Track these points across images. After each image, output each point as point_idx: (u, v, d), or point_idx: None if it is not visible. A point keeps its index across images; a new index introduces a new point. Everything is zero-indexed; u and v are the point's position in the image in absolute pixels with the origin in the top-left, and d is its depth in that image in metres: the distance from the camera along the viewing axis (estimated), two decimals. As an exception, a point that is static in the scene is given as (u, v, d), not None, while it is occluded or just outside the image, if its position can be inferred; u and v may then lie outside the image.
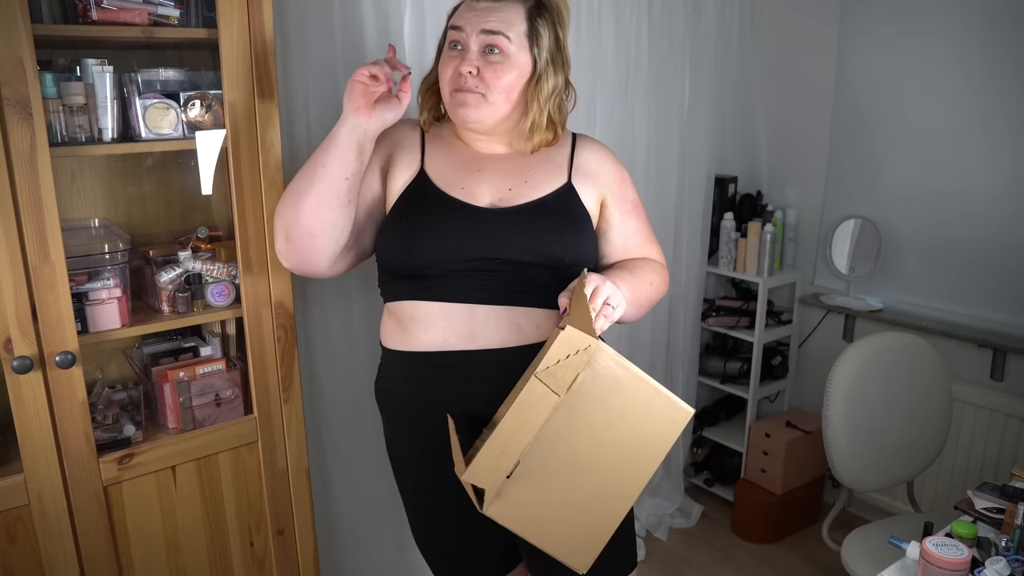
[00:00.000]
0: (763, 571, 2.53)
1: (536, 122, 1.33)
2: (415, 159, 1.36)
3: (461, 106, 1.30)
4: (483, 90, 1.28)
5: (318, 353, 1.90)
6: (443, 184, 1.33)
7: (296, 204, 1.26)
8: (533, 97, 1.32)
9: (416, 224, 1.29)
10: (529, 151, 1.38)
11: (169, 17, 1.40)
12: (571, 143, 1.42)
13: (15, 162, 1.24)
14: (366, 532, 2.07)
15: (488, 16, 1.27)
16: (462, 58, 1.28)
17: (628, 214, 1.43)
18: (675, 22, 2.46)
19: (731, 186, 2.81)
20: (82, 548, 1.42)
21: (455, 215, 1.29)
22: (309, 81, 1.76)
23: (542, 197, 1.33)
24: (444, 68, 1.32)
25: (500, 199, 1.32)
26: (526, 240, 1.28)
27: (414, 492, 1.44)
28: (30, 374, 1.30)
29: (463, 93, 1.29)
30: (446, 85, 1.31)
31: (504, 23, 1.27)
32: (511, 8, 1.29)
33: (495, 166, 1.36)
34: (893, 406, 1.98)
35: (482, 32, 1.27)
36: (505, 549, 1.44)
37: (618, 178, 1.43)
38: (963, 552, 1.21)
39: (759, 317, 2.68)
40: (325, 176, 1.24)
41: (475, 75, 1.28)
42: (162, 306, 1.52)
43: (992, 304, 2.38)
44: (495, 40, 1.27)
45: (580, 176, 1.38)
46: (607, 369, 1.04)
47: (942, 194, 2.44)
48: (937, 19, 2.37)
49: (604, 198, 1.40)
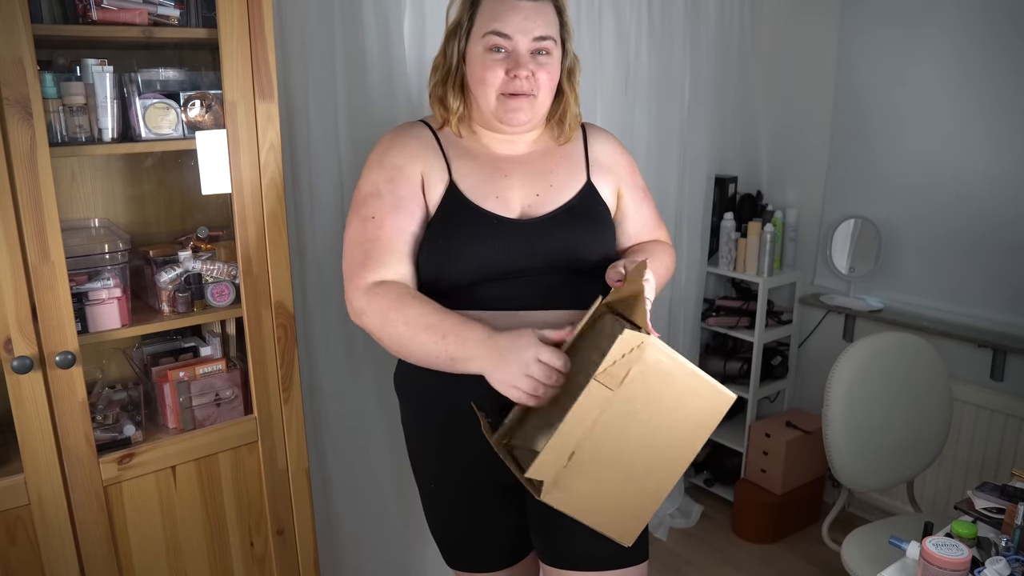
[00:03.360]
0: (763, 571, 2.53)
1: (573, 111, 1.38)
2: (442, 169, 1.33)
3: (515, 111, 1.30)
4: (535, 91, 1.30)
5: (318, 353, 1.90)
6: (475, 196, 1.31)
7: (394, 349, 1.26)
8: (571, 88, 1.36)
9: (452, 242, 1.29)
10: (554, 143, 1.40)
11: (169, 17, 1.40)
12: (582, 135, 1.44)
13: (15, 162, 1.24)
14: (366, 532, 2.07)
15: (535, 20, 1.27)
16: (514, 63, 1.27)
17: (640, 201, 1.46)
18: (675, 22, 2.46)
19: (731, 186, 2.81)
20: (82, 548, 1.42)
21: (490, 232, 1.29)
22: (309, 81, 1.76)
23: (568, 201, 1.35)
24: (489, 73, 1.28)
25: (529, 205, 1.33)
26: (559, 249, 1.31)
27: (432, 480, 1.44)
28: (30, 374, 1.30)
29: (517, 98, 1.29)
30: (493, 90, 1.29)
31: (550, 25, 1.29)
32: (547, 6, 1.30)
33: (520, 168, 1.36)
34: (893, 406, 1.98)
35: (534, 39, 1.27)
36: (517, 538, 1.45)
37: (629, 167, 1.47)
38: (963, 552, 1.20)
39: (759, 317, 2.68)
40: (427, 362, 1.23)
41: (531, 79, 1.29)
42: (162, 306, 1.52)
43: (992, 304, 2.38)
44: (546, 44, 1.29)
45: (597, 170, 1.40)
46: (658, 364, 1.08)
47: (942, 194, 2.44)
48: (937, 20, 2.37)
49: (620, 189, 1.44)
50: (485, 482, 1.35)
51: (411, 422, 1.45)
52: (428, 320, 1.20)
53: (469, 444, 1.30)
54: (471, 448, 1.29)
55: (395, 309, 1.23)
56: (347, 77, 1.82)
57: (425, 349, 1.21)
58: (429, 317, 1.21)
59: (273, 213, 1.51)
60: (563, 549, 1.35)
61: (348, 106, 1.83)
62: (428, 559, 2.15)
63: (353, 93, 1.84)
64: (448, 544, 1.49)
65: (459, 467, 1.36)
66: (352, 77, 1.83)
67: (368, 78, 1.85)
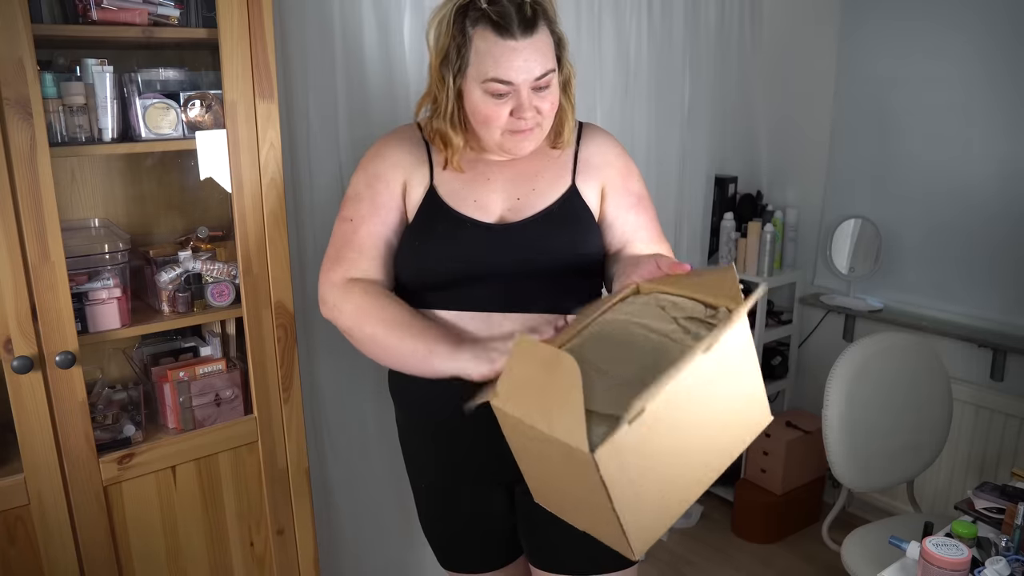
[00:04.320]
0: (763, 571, 2.53)
1: (570, 123, 1.33)
2: (424, 174, 1.34)
3: (521, 143, 1.27)
4: (539, 122, 1.26)
5: (318, 353, 1.90)
6: (453, 200, 1.31)
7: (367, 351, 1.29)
8: (567, 100, 1.31)
9: (428, 245, 1.30)
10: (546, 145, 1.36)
11: (169, 17, 1.40)
12: (577, 136, 1.40)
13: (15, 162, 1.24)
14: (366, 532, 2.07)
15: (534, 59, 1.20)
16: (518, 105, 1.23)
17: (631, 207, 1.38)
18: (675, 22, 2.46)
19: (731, 186, 2.81)
20: (82, 548, 1.42)
21: (464, 236, 1.29)
22: (309, 81, 1.76)
23: (549, 206, 1.32)
24: (492, 116, 1.24)
25: (510, 210, 1.32)
26: (537, 253, 1.29)
27: (424, 480, 1.45)
28: (30, 374, 1.30)
29: (523, 133, 1.26)
30: (498, 130, 1.26)
31: (548, 57, 1.23)
32: (542, 32, 1.22)
33: (504, 173, 1.35)
34: (893, 406, 1.98)
35: (536, 79, 1.22)
36: (509, 539, 1.45)
37: (623, 170, 1.39)
38: (963, 552, 1.21)
39: (759, 317, 2.68)
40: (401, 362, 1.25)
41: (535, 115, 1.25)
42: (162, 306, 1.52)
43: (992, 304, 2.38)
44: (548, 79, 1.23)
45: (584, 172, 1.36)
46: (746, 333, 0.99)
47: (942, 194, 2.44)
48: (937, 20, 2.37)
49: (603, 187, 1.37)
50: (476, 483, 1.35)
51: (403, 423, 1.45)
52: (403, 318, 1.23)
53: (460, 445, 1.30)
54: (462, 449, 1.30)
55: (372, 307, 1.25)
56: (347, 77, 1.82)
57: (402, 345, 1.22)
58: (404, 315, 1.23)
59: (273, 213, 1.51)
60: (551, 552, 1.34)
61: (348, 106, 1.83)
62: (428, 559, 2.15)
63: (353, 93, 1.84)
64: (441, 545, 1.49)
65: (450, 468, 1.36)
66: (352, 77, 1.83)
67: (368, 78, 1.85)
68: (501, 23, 1.17)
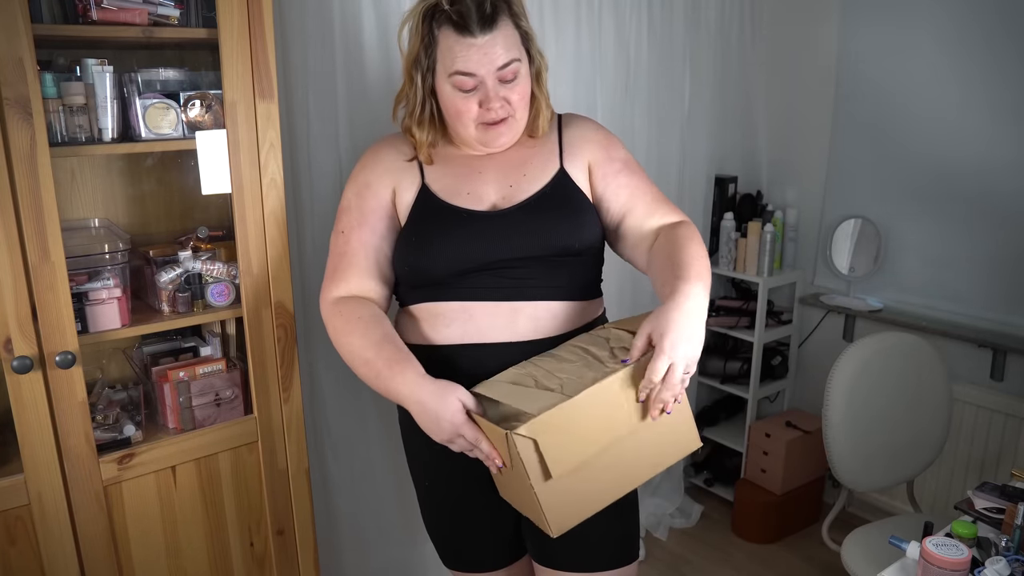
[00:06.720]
0: (763, 571, 2.53)
1: (545, 114, 1.38)
2: (415, 176, 1.37)
3: (496, 137, 1.32)
4: (511, 113, 1.31)
5: (318, 353, 1.90)
6: (446, 194, 1.34)
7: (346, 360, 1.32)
8: (540, 90, 1.36)
9: (425, 240, 1.32)
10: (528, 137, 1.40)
11: (169, 17, 1.40)
12: (557, 125, 1.43)
13: (15, 162, 1.24)
14: (366, 532, 2.07)
15: (494, 50, 1.25)
16: (485, 96, 1.27)
17: (618, 172, 1.38)
18: (675, 22, 2.46)
19: (731, 186, 2.81)
20: (82, 548, 1.42)
21: (460, 225, 1.31)
22: (309, 81, 1.76)
23: (540, 189, 1.35)
24: (462, 109, 1.29)
25: (503, 197, 1.34)
26: (533, 237, 1.31)
27: (428, 478, 1.46)
28: (30, 374, 1.30)
29: (496, 126, 1.31)
30: (471, 123, 1.31)
31: (511, 47, 1.27)
32: (504, 26, 1.26)
33: (494, 164, 1.37)
34: (893, 406, 1.98)
35: (498, 69, 1.26)
36: (512, 538, 1.46)
37: (603, 142, 1.41)
38: (963, 552, 1.20)
39: (759, 317, 2.68)
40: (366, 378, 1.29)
41: (505, 105, 1.29)
42: (162, 306, 1.52)
43: (992, 304, 2.38)
44: (512, 69, 1.28)
45: (569, 155, 1.39)
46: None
47: (942, 194, 2.44)
48: (937, 20, 2.37)
49: (589, 164, 1.39)
50: (480, 481, 1.36)
51: (407, 421, 1.45)
52: (366, 355, 1.26)
53: None
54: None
55: (345, 333, 1.30)
56: (347, 77, 1.82)
57: (367, 380, 1.28)
58: (367, 352, 1.26)
59: (273, 213, 1.51)
60: (553, 548, 1.35)
61: (348, 106, 1.83)
62: (428, 559, 2.15)
63: (353, 93, 1.84)
64: (444, 544, 1.49)
65: (453, 466, 1.36)
66: (352, 77, 1.83)
67: (368, 78, 1.85)
68: (460, 22, 1.24)
